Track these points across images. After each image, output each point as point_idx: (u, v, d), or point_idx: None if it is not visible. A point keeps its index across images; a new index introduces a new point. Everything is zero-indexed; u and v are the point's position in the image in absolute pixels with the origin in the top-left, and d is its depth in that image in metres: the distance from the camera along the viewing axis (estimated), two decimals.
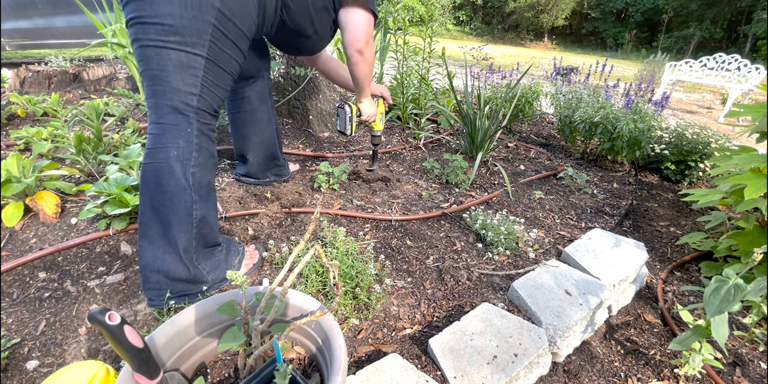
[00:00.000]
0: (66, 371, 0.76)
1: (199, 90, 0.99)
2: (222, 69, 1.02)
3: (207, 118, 1.04)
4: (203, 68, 0.97)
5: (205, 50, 0.96)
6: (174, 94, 0.96)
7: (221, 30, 0.97)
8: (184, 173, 0.99)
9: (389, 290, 1.20)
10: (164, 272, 1.00)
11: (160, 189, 0.97)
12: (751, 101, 5.46)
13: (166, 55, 0.93)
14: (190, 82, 0.97)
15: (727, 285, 0.83)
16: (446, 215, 1.64)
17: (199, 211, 1.03)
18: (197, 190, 1.02)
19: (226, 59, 1.02)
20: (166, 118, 0.98)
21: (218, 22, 0.95)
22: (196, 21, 0.92)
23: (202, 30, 0.94)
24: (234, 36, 1.01)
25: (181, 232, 1.00)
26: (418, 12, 2.25)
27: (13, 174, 1.34)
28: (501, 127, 2.40)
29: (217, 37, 0.97)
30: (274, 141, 1.65)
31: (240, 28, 1.02)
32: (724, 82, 5.13)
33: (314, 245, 0.74)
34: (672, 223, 1.83)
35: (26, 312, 1.05)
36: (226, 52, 1.01)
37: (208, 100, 1.02)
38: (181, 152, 0.98)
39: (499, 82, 3.14)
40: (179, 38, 0.92)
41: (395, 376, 0.83)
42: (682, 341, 0.92)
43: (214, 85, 1.02)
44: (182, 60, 0.94)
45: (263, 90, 1.55)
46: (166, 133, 0.98)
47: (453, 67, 7.03)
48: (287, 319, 0.88)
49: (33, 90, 2.73)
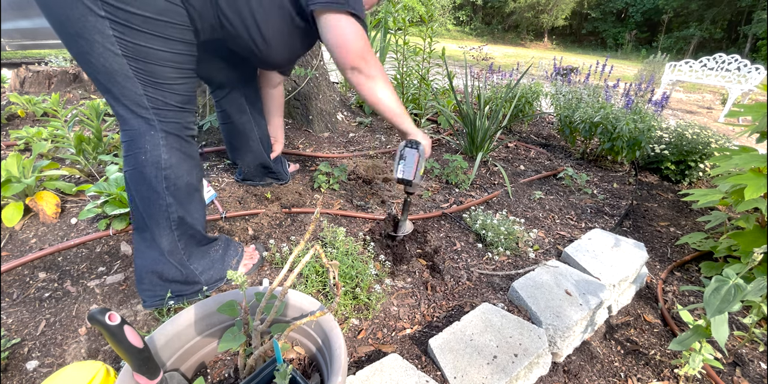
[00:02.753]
0: (66, 371, 0.76)
1: (142, 89, 0.92)
2: (151, 63, 0.92)
3: (169, 116, 0.98)
4: (129, 67, 0.90)
5: (118, 48, 0.87)
6: (123, 99, 0.92)
7: (118, 21, 0.86)
8: (155, 177, 0.97)
9: (389, 290, 1.20)
10: (157, 274, 1.01)
11: (138, 194, 0.98)
12: (751, 101, 5.46)
13: (88, 64, 0.88)
14: (128, 84, 0.91)
15: (728, 285, 0.83)
16: (446, 215, 1.64)
17: (175, 214, 1.01)
18: (172, 192, 0.99)
19: (148, 52, 0.91)
20: (128, 123, 0.95)
21: (108, 13, 0.84)
22: (87, 18, 0.83)
23: (98, 26, 0.84)
24: (140, 24, 0.88)
25: (162, 235, 1.00)
26: (418, 12, 2.25)
27: (13, 174, 1.34)
28: (501, 127, 2.40)
29: (119, 30, 0.86)
30: (261, 152, 1.60)
31: (142, 14, 0.88)
32: (724, 82, 5.13)
33: (314, 245, 0.74)
34: (672, 223, 1.83)
35: (26, 312, 1.05)
36: (142, 45, 0.90)
37: (160, 98, 0.95)
38: (149, 156, 0.96)
39: (499, 82, 3.14)
40: (85, 42, 0.85)
41: (395, 377, 0.83)
42: (682, 341, 0.92)
43: (155, 82, 0.94)
44: (105, 64, 0.88)
45: (241, 101, 1.46)
46: (133, 139, 0.95)
47: (453, 67, 7.03)
48: (287, 319, 0.88)
49: (33, 90, 2.73)
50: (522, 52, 16.56)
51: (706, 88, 7.98)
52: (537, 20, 24.31)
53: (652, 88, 2.49)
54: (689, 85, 7.93)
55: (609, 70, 2.90)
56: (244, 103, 1.48)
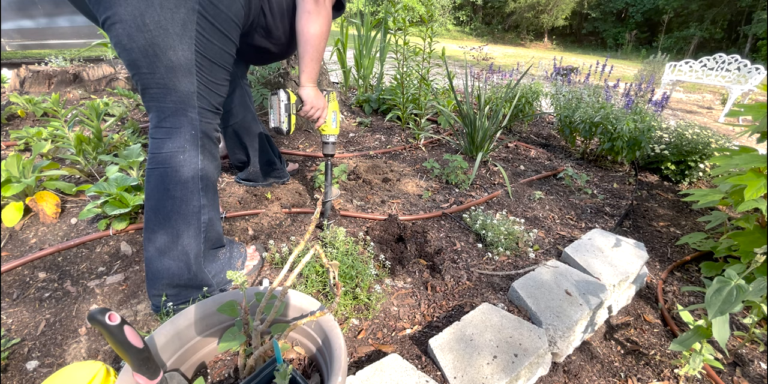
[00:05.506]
0: (66, 371, 0.76)
1: (196, 87, 0.93)
2: (214, 63, 0.96)
3: (209, 117, 1.00)
4: (195, 64, 0.91)
5: (193, 44, 0.89)
6: (174, 95, 0.91)
7: (206, 17, 0.89)
8: (193, 177, 0.96)
9: (389, 290, 1.20)
10: (171, 280, 0.98)
11: (167, 195, 0.94)
12: (751, 101, 5.46)
13: (153, 55, 0.86)
14: (186, 80, 0.91)
15: (729, 286, 0.83)
16: (446, 215, 1.64)
17: (207, 215, 1.01)
18: (205, 193, 0.99)
19: (216, 52, 0.95)
20: (168, 121, 0.93)
21: (202, 7, 0.87)
22: (179, 10, 0.84)
23: (187, 19, 0.86)
24: (222, 23, 0.93)
25: (191, 237, 0.98)
26: (418, 12, 2.25)
27: (13, 174, 1.34)
28: (501, 128, 2.40)
29: (203, 26, 0.89)
30: (267, 148, 1.62)
31: (227, 14, 0.93)
32: (724, 83, 5.13)
33: (314, 245, 0.74)
34: (672, 223, 1.83)
35: (26, 312, 1.05)
36: (215, 44, 0.94)
37: (208, 97, 0.97)
38: (188, 156, 0.95)
39: (499, 82, 3.14)
40: (162, 33, 0.84)
41: (395, 377, 0.83)
42: (682, 341, 0.92)
43: (210, 82, 0.96)
44: (172, 58, 0.87)
45: (246, 100, 1.48)
46: (171, 137, 0.94)
47: (453, 68, 7.03)
48: (287, 320, 0.88)
49: (33, 90, 2.73)
50: (522, 52, 16.56)
51: (706, 88, 7.98)
52: (537, 20, 24.30)
53: (652, 88, 2.49)
54: (689, 85, 7.93)
55: (609, 70, 2.90)
56: (247, 100, 1.50)
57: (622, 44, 21.73)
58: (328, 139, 1.42)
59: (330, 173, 1.48)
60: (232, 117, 1.49)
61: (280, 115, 1.22)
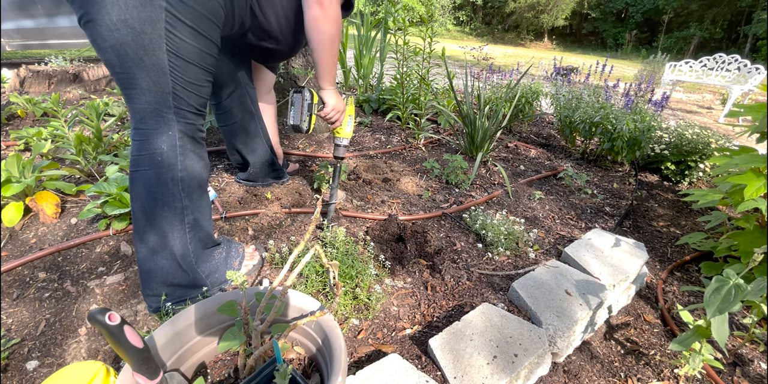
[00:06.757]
0: (66, 371, 0.76)
1: (171, 88, 0.91)
2: (190, 63, 0.92)
3: (189, 117, 0.97)
4: (168, 64, 0.88)
5: (164, 43, 0.86)
6: (149, 95, 0.89)
7: (176, 15, 0.86)
8: (172, 179, 0.95)
9: (389, 290, 1.20)
10: (164, 279, 0.98)
11: (150, 196, 0.94)
12: (751, 101, 5.46)
13: (125, 54, 0.84)
14: (160, 80, 0.89)
15: (728, 285, 0.83)
16: (446, 215, 1.64)
17: (191, 216, 1.00)
18: (188, 194, 0.98)
19: (192, 51, 0.92)
20: (145, 122, 0.92)
21: (170, 4, 0.84)
22: (145, 8, 0.82)
23: (154, 17, 0.83)
24: (195, 22, 0.90)
25: (176, 238, 0.98)
26: (418, 12, 2.25)
27: (13, 174, 1.34)
28: (501, 128, 2.40)
29: (173, 24, 0.86)
30: (266, 149, 1.62)
31: (200, 12, 0.90)
32: (724, 83, 5.13)
33: (314, 245, 0.74)
34: (672, 223, 1.83)
35: (26, 312, 1.05)
36: (189, 44, 0.90)
37: (186, 98, 0.94)
38: (165, 158, 0.93)
39: (499, 82, 3.14)
40: (130, 32, 0.82)
41: (395, 377, 0.83)
42: (682, 341, 0.92)
43: (187, 82, 0.93)
44: (143, 57, 0.85)
45: (245, 100, 1.47)
46: (148, 139, 0.93)
47: (453, 68, 7.03)
48: (287, 320, 0.88)
49: (33, 90, 2.73)
50: (522, 52, 16.56)
51: (706, 88, 7.98)
52: (537, 20, 24.30)
53: (652, 88, 2.49)
54: (689, 85, 7.93)
55: (609, 70, 2.90)
56: (248, 101, 1.49)
57: (622, 44, 21.73)
58: (340, 142, 1.44)
59: (338, 176, 1.48)
60: (231, 117, 1.49)
61: (302, 114, 1.23)
